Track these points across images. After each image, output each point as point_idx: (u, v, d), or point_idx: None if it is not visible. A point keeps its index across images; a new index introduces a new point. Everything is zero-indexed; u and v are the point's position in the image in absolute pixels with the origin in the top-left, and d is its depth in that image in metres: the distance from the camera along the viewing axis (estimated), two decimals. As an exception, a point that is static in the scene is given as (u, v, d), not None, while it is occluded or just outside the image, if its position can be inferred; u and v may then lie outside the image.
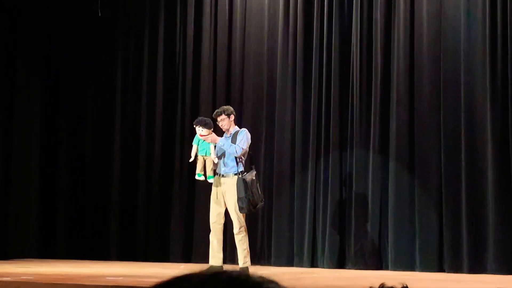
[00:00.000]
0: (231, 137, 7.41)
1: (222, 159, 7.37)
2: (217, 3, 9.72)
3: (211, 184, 7.48)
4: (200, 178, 7.55)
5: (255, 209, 7.40)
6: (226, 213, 7.43)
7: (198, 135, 7.43)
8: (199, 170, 7.50)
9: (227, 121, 7.46)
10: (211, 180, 7.47)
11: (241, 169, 7.35)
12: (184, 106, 9.76)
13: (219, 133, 7.58)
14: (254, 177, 7.31)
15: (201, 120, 7.50)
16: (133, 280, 6.75)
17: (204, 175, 7.51)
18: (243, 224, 7.33)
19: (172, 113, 9.80)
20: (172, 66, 9.90)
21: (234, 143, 7.34)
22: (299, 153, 9.03)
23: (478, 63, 8.30)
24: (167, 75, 9.90)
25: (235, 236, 7.40)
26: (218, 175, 7.41)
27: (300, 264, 8.81)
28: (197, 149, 7.50)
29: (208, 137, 7.35)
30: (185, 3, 9.90)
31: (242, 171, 7.33)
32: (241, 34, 9.56)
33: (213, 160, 7.42)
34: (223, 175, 7.37)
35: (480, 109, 8.24)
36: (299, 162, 9.02)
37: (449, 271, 8.15)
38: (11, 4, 9.86)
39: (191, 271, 1.10)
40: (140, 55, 10.07)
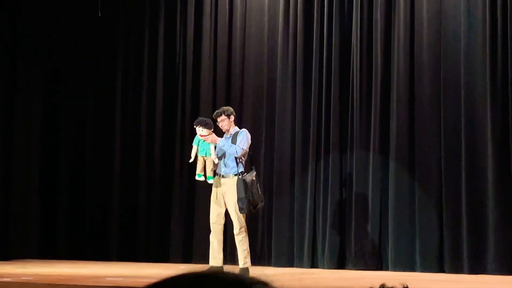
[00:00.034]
0: (231, 138, 7.41)
1: (223, 159, 7.37)
2: (217, 3, 9.72)
3: (211, 184, 7.48)
4: (200, 179, 7.55)
5: (255, 209, 7.40)
6: (226, 213, 7.43)
7: (198, 136, 7.42)
8: (199, 170, 7.50)
9: (227, 122, 7.46)
10: (210, 181, 7.47)
11: (241, 169, 7.35)
12: (184, 106, 9.76)
13: (219, 133, 7.58)
14: (254, 178, 7.31)
15: (201, 121, 7.49)
16: (134, 281, 6.74)
17: (204, 175, 7.51)
18: (243, 224, 7.33)
19: (172, 113, 9.81)
20: (172, 66, 9.90)
21: (234, 144, 7.34)
22: (299, 154, 9.03)
23: (478, 63, 8.30)
24: (167, 75, 9.90)
25: (235, 236, 7.40)
26: (218, 176, 7.41)
27: (300, 265, 8.81)
28: (197, 150, 7.50)
29: (208, 138, 7.35)
30: (185, 3, 9.90)
31: (242, 172, 7.33)
32: (241, 34, 9.57)
33: (213, 160, 7.42)
34: (223, 176, 7.37)
35: (480, 109, 8.24)
36: (299, 162, 9.02)
37: (449, 272, 8.15)
38: (11, 4, 9.87)
39: (185, 271, 1.11)
40: (140, 55, 10.07)
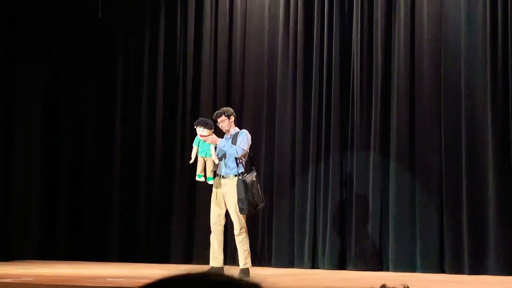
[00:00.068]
0: (232, 138, 7.41)
1: (223, 160, 7.37)
2: (217, 3, 9.72)
3: (212, 185, 7.48)
4: (201, 179, 7.55)
5: (255, 210, 7.40)
6: (227, 214, 7.42)
7: (199, 136, 7.42)
8: (199, 171, 7.49)
9: (227, 122, 7.46)
10: (210, 181, 7.46)
11: (242, 170, 7.35)
12: (184, 107, 9.76)
13: (220, 134, 7.58)
14: (254, 178, 7.30)
15: (202, 121, 7.49)
16: (134, 281, 6.73)
17: (204, 176, 7.51)
18: (244, 225, 7.33)
19: (173, 113, 9.80)
20: (172, 66, 9.90)
21: (234, 144, 7.34)
22: (299, 154, 9.03)
23: (479, 63, 8.30)
24: (167, 75, 9.90)
25: (235, 237, 7.39)
26: (218, 176, 7.41)
27: (301, 265, 8.81)
28: (197, 150, 7.49)
29: (209, 138, 7.35)
30: (186, 3, 9.90)
31: (243, 172, 7.33)
32: (242, 35, 9.56)
33: (213, 161, 7.42)
34: (223, 176, 7.37)
35: (481, 109, 8.24)
36: (300, 162, 9.01)
37: (450, 272, 8.15)
38: (11, 4, 9.86)
39: (179, 273, 1.11)
40: (141, 55, 10.07)
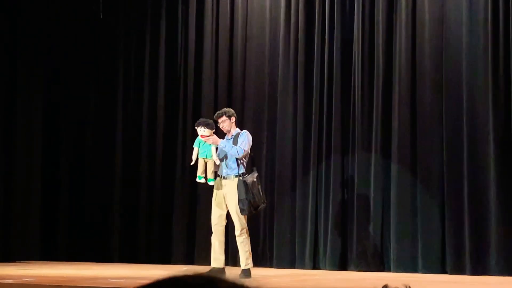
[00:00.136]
0: (233, 139, 7.41)
1: (224, 161, 7.37)
2: (218, 3, 9.72)
3: (213, 186, 7.48)
4: (201, 181, 7.54)
5: (256, 211, 7.40)
6: (228, 215, 7.42)
7: (200, 136, 7.42)
8: (200, 172, 7.49)
9: (228, 123, 7.46)
10: (211, 183, 7.46)
11: (242, 171, 7.35)
12: (185, 107, 9.75)
13: (221, 135, 7.58)
14: (255, 179, 7.30)
15: (203, 121, 7.50)
16: (135, 282, 6.72)
17: (205, 177, 7.50)
18: (245, 226, 7.32)
19: (174, 114, 9.80)
20: (173, 67, 9.90)
21: (235, 145, 7.34)
22: (300, 155, 9.02)
23: (480, 64, 8.29)
24: (168, 75, 9.90)
25: (236, 238, 7.39)
26: (219, 177, 7.41)
27: (302, 266, 8.80)
28: (198, 152, 7.49)
29: (210, 139, 7.35)
30: (187, 3, 9.90)
31: (244, 173, 7.33)
32: (243, 35, 9.56)
33: (214, 162, 7.41)
34: (224, 177, 7.37)
35: (482, 110, 8.23)
36: (301, 163, 9.01)
37: (452, 273, 8.14)
38: (11, 4, 9.86)
39: (174, 274, 1.13)
40: (141, 56, 10.06)
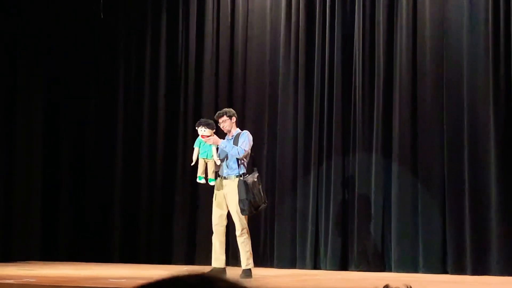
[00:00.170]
0: (233, 139, 7.41)
1: (225, 161, 7.37)
2: (219, 3, 9.71)
3: (213, 186, 7.48)
4: (201, 181, 7.54)
5: (256, 211, 7.40)
6: (229, 215, 7.42)
7: (200, 136, 7.42)
8: (200, 173, 7.48)
9: (229, 123, 7.46)
10: (212, 183, 7.46)
11: (243, 171, 7.34)
12: (186, 108, 9.75)
13: (221, 136, 7.58)
14: (255, 179, 7.30)
15: (203, 121, 7.50)
16: (136, 282, 6.71)
17: (205, 178, 7.49)
18: (245, 226, 7.32)
19: (174, 115, 9.80)
20: (174, 67, 9.89)
21: (236, 145, 7.33)
22: (301, 155, 9.02)
23: (481, 64, 8.28)
24: (169, 76, 9.89)
25: (237, 238, 7.39)
26: (220, 177, 7.41)
27: (303, 266, 8.80)
28: (199, 152, 7.48)
29: (210, 139, 7.35)
30: (187, 3, 9.89)
31: (244, 173, 7.33)
32: (243, 36, 9.55)
33: (215, 162, 7.41)
34: (225, 177, 7.37)
35: (483, 110, 8.22)
36: (302, 163, 9.01)
37: (452, 273, 8.13)
38: (11, 4, 9.86)
39: (172, 274, 1.14)
40: (142, 56, 10.06)
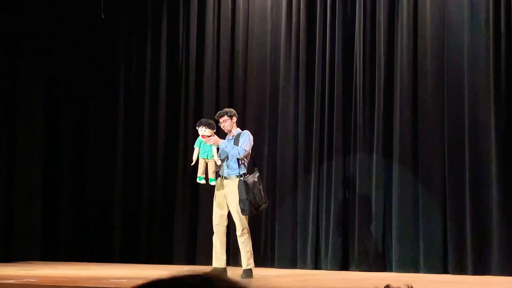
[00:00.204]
0: (234, 139, 7.41)
1: (225, 161, 7.36)
2: (220, 4, 9.71)
3: (214, 186, 7.47)
4: (201, 182, 7.53)
5: (257, 211, 7.39)
6: (229, 215, 7.42)
7: (201, 136, 7.41)
8: (201, 173, 7.47)
9: (229, 123, 7.46)
10: (213, 183, 7.45)
11: (243, 171, 7.34)
12: (187, 109, 9.75)
13: (222, 136, 7.58)
14: (256, 179, 7.29)
15: (204, 121, 7.50)
16: (136, 282, 6.70)
17: (206, 178, 7.48)
18: (246, 226, 7.32)
19: (175, 115, 9.79)
20: (175, 67, 9.89)
21: (236, 145, 7.33)
22: (302, 155, 9.02)
23: (482, 64, 8.28)
24: (169, 76, 9.89)
25: (238, 238, 7.39)
26: (220, 177, 7.41)
27: (304, 266, 8.80)
28: (199, 152, 7.47)
29: (211, 139, 7.34)
30: (188, 4, 9.89)
31: (245, 173, 7.32)
32: (244, 36, 9.55)
33: (215, 162, 7.40)
34: (225, 177, 7.37)
35: (484, 110, 8.22)
36: (302, 163, 9.00)
37: (453, 273, 8.13)
38: (11, 4, 9.86)
39: (169, 275, 1.15)
40: (143, 57, 10.06)
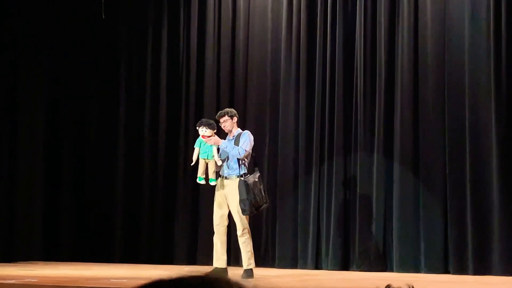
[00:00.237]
0: (234, 139, 7.41)
1: (226, 161, 7.36)
2: (220, 3, 9.71)
3: (215, 186, 7.47)
4: (201, 182, 7.52)
5: (257, 211, 7.39)
6: (230, 215, 7.42)
7: (201, 136, 7.41)
8: (201, 173, 7.46)
9: (230, 122, 7.46)
10: (213, 183, 7.45)
11: (244, 171, 7.34)
12: (188, 109, 9.75)
13: (222, 136, 7.57)
14: (257, 179, 7.29)
15: (204, 121, 7.49)
16: (137, 282, 6.70)
17: (206, 178, 7.48)
18: (246, 226, 7.32)
19: (176, 116, 9.79)
20: (175, 67, 9.89)
21: (237, 145, 7.33)
22: (303, 155, 9.02)
23: (483, 65, 8.27)
24: (170, 76, 9.89)
25: (238, 238, 7.39)
26: (221, 177, 7.40)
27: (304, 266, 8.80)
28: (199, 152, 7.47)
29: (211, 139, 7.34)
30: (189, 4, 9.89)
31: (245, 173, 7.32)
32: (245, 36, 9.55)
33: (216, 162, 7.40)
34: (226, 177, 7.36)
35: (485, 110, 8.21)
36: (303, 163, 9.00)
37: (454, 273, 8.13)
38: (11, 4, 9.86)
39: (174, 274, 1.16)
40: (144, 57, 10.05)
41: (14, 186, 9.73)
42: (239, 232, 7.34)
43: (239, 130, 7.53)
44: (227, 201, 7.36)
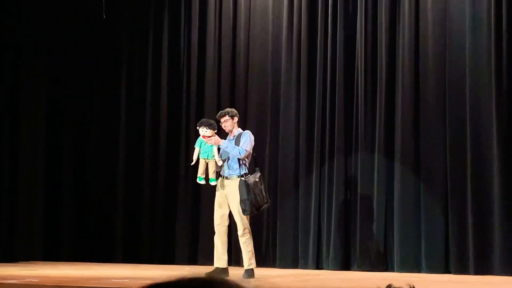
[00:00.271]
0: (235, 139, 7.40)
1: (226, 161, 7.36)
2: (221, 3, 9.71)
3: (215, 186, 7.47)
4: (201, 182, 7.51)
5: (258, 211, 7.38)
6: (230, 215, 7.41)
7: (201, 136, 7.40)
8: (201, 173, 7.46)
9: (231, 122, 7.45)
10: (213, 183, 7.44)
11: (245, 171, 7.33)
12: (188, 109, 9.74)
13: (223, 136, 7.57)
14: (257, 179, 7.28)
15: (205, 121, 7.48)
16: (139, 282, 6.72)
17: (206, 178, 7.47)
18: (247, 226, 7.31)
19: (177, 116, 9.79)
20: (176, 67, 9.89)
21: (237, 145, 7.32)
22: (303, 155, 9.01)
23: (483, 65, 8.27)
24: (171, 76, 9.89)
25: (239, 238, 7.38)
26: (221, 177, 7.40)
27: (305, 266, 8.79)
28: (199, 152, 7.46)
29: (212, 139, 7.33)
30: (190, 4, 9.89)
31: (246, 173, 7.32)
32: (246, 36, 9.54)
33: (216, 162, 7.39)
34: (226, 177, 7.36)
35: (486, 109, 8.21)
36: (304, 163, 9.00)
37: (455, 272, 8.13)
38: (11, 4, 9.85)
39: (174, 275, 1.16)
40: (144, 57, 10.06)
41: (15, 186, 9.73)
42: (239, 232, 7.34)
43: (240, 130, 7.53)
44: (228, 201, 7.35)
